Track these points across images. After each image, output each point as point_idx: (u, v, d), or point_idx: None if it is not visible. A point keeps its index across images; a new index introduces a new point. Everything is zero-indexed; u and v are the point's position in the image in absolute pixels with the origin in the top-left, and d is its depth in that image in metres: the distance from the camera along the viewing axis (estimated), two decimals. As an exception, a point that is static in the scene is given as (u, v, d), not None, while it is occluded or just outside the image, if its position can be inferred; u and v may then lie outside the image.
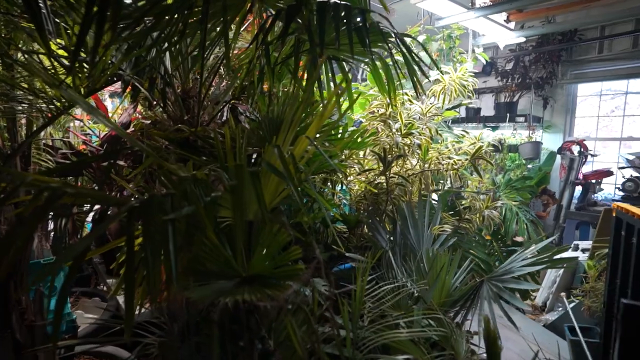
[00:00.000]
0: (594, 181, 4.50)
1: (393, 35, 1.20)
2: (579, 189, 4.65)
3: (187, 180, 0.81)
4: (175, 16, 0.96)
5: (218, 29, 1.27)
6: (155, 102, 1.51)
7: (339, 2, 1.14)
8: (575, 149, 4.61)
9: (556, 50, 4.70)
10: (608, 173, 4.41)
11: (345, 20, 1.16)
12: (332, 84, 1.66)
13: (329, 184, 1.68)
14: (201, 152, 1.45)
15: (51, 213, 0.66)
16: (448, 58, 3.23)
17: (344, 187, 1.84)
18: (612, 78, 4.80)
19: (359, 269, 1.11)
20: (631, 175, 4.34)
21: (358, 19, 1.15)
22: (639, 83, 4.74)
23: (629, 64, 4.59)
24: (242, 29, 1.36)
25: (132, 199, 0.75)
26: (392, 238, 1.64)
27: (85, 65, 1.20)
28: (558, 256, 1.64)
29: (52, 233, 2.08)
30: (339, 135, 1.41)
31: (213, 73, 1.45)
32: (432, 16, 3.95)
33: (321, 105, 1.49)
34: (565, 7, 4.05)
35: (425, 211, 1.79)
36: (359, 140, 1.50)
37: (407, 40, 1.22)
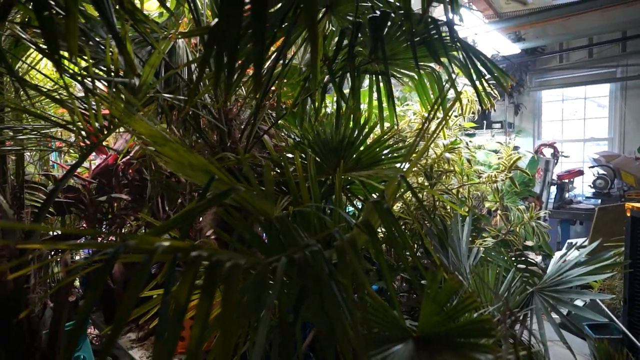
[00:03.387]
0: (567, 180, 4.79)
1: (459, 45, 1.14)
2: (553, 189, 4.94)
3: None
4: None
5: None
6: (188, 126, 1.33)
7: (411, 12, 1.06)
8: (548, 151, 4.91)
9: (525, 61, 5.02)
10: (580, 172, 4.73)
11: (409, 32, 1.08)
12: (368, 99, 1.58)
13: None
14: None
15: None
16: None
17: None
18: (572, 85, 5.21)
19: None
20: (598, 173, 4.69)
21: (433, 32, 1.08)
22: (595, 89, 5.19)
23: (586, 72, 5.02)
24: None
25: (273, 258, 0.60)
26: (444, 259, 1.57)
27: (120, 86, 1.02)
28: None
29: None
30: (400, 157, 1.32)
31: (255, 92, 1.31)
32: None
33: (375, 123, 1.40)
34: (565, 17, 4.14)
35: (465, 227, 1.74)
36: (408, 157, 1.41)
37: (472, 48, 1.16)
